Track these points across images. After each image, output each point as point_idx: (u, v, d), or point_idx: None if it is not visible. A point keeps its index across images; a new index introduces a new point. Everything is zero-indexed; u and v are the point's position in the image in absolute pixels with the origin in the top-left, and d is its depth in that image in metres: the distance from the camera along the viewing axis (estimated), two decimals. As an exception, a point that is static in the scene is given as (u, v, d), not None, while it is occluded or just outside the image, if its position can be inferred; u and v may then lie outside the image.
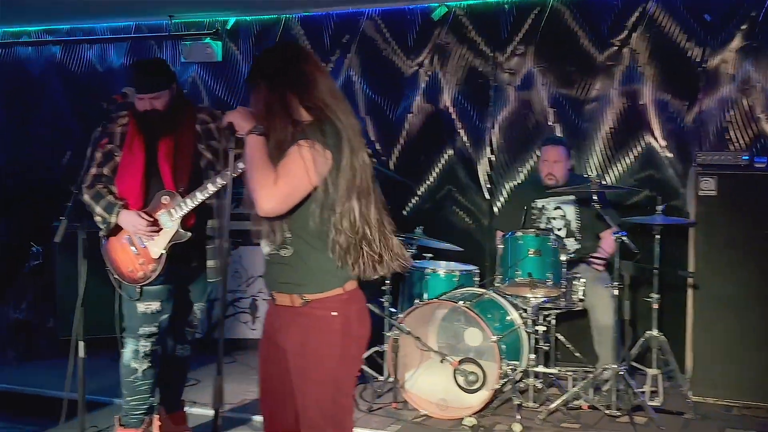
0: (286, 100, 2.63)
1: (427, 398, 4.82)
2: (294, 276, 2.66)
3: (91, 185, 3.97)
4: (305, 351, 2.65)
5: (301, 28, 6.73)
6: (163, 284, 4.00)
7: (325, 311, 2.65)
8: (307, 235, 2.62)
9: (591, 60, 5.91)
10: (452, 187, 6.36)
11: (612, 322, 4.82)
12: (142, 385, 4.05)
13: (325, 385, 2.66)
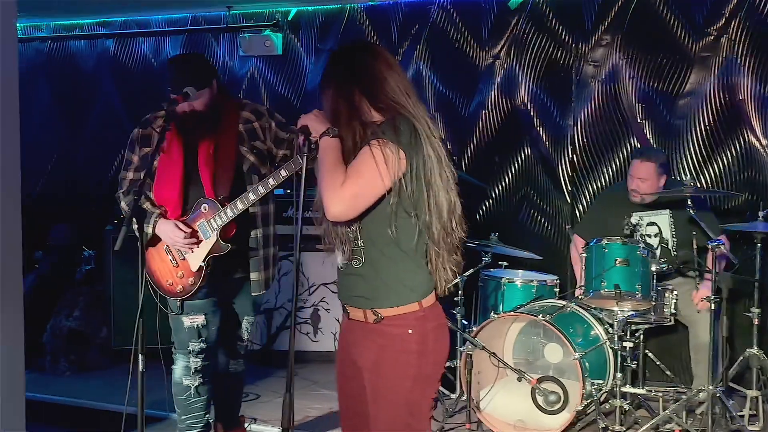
0: (355, 102, 2.67)
1: (503, 419, 4.82)
2: (367, 289, 2.68)
3: (128, 191, 4.02)
4: (378, 370, 2.68)
5: (367, 18, 6.77)
6: (207, 297, 4.03)
7: (400, 329, 2.66)
8: (381, 243, 2.64)
9: (684, 51, 5.82)
10: (530, 190, 6.34)
11: (709, 338, 4.76)
12: (196, 402, 4.12)
13: (398, 408, 2.67)
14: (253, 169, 3.98)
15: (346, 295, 2.78)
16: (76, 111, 7.78)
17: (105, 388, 5.54)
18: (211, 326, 4.09)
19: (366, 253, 2.67)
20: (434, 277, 2.72)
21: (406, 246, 2.65)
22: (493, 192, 6.44)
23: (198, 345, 4.06)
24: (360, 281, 2.70)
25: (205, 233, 3.90)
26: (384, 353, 2.68)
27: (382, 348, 2.68)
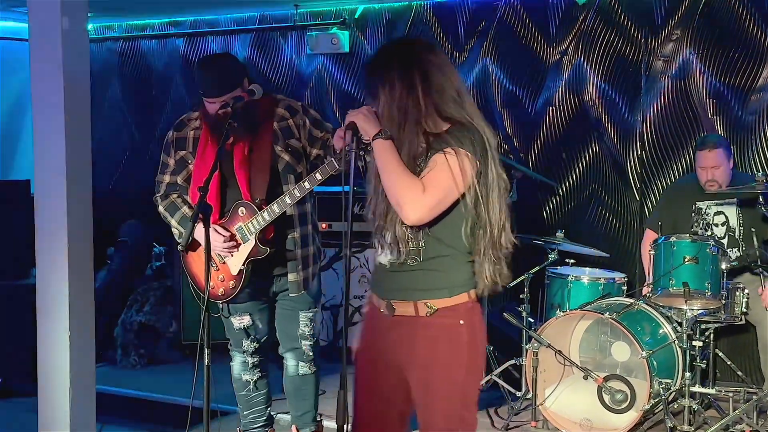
0: (422, 106, 2.66)
1: (568, 417, 4.82)
2: (421, 282, 2.71)
3: (165, 195, 4.05)
4: (432, 364, 2.70)
5: (434, 14, 6.79)
6: (250, 299, 4.05)
7: (452, 320, 2.71)
8: (441, 243, 2.69)
9: (758, 44, 5.73)
10: (598, 187, 6.30)
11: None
12: (257, 396, 4.20)
13: (453, 400, 2.72)
14: (288, 168, 3.94)
15: (392, 291, 2.76)
16: (148, 109, 7.95)
17: (174, 381, 5.66)
18: (260, 325, 4.12)
19: (425, 253, 2.69)
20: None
21: (463, 246, 2.70)
22: (560, 189, 6.43)
23: (250, 344, 4.12)
24: (413, 277, 2.71)
25: (244, 237, 3.89)
26: (437, 346, 2.70)
27: (434, 340, 2.70)
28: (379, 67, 2.75)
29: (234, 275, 3.95)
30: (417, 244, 2.69)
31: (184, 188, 4.04)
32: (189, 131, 4.06)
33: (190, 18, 7.75)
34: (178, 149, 4.06)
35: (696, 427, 4.77)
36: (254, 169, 3.88)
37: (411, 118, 2.66)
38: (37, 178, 4.37)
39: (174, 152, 4.06)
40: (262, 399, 4.23)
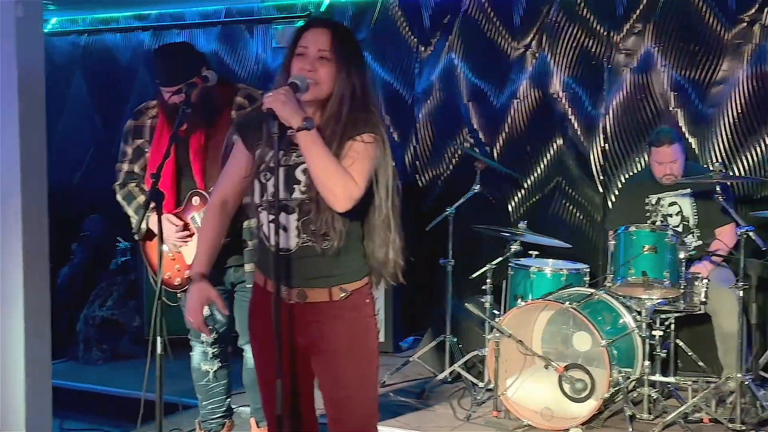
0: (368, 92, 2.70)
1: (530, 407, 4.82)
2: (333, 268, 2.70)
3: (123, 184, 4.02)
4: (353, 342, 2.75)
5: (399, 8, 6.82)
6: None
7: (362, 300, 2.77)
8: (352, 228, 2.70)
9: (717, 38, 5.80)
10: (561, 180, 6.36)
11: (737, 327, 4.72)
12: (216, 387, 4.18)
13: (374, 368, 2.80)
14: None
15: (305, 279, 2.71)
16: (113, 104, 7.87)
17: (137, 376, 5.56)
18: (218, 316, 4.07)
19: (339, 238, 2.66)
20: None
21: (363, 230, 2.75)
22: (525, 182, 6.47)
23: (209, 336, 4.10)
24: (325, 262, 2.69)
25: (198, 226, 3.84)
26: (354, 325, 2.74)
27: (351, 321, 2.74)
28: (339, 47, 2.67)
29: (189, 265, 3.88)
30: (331, 230, 2.65)
31: (142, 177, 4.02)
32: (146, 120, 4.04)
33: (155, 11, 7.72)
34: (135, 138, 4.04)
35: (655, 416, 4.79)
36: (210, 158, 3.83)
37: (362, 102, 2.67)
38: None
39: (132, 141, 4.04)
40: (222, 390, 4.21)
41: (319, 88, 2.64)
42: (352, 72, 2.66)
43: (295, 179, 2.66)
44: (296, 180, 2.66)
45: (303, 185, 2.65)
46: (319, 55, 2.63)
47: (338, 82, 2.64)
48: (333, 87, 2.64)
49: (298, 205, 2.66)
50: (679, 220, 5.27)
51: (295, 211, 2.67)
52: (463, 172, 6.33)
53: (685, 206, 5.28)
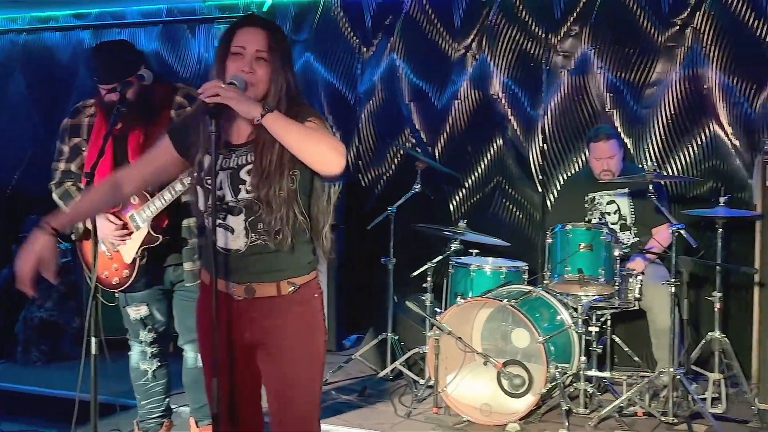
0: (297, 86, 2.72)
1: (469, 403, 4.86)
2: (283, 263, 2.70)
3: (59, 183, 3.97)
4: (302, 336, 2.74)
5: (341, 9, 6.82)
6: (148, 288, 3.98)
7: (310, 293, 2.77)
8: (298, 223, 2.68)
9: (651, 41, 5.89)
10: (501, 179, 6.40)
11: (670, 322, 4.80)
12: (155, 386, 4.16)
13: (320, 363, 2.80)
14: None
15: (253, 274, 2.70)
16: (52, 103, 7.74)
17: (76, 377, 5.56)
18: (157, 315, 4.07)
19: (286, 234, 2.65)
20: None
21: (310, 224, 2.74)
22: (465, 181, 6.50)
23: (147, 335, 4.08)
24: (276, 257, 2.69)
25: (137, 224, 3.81)
26: (303, 320, 2.74)
27: (300, 316, 2.73)
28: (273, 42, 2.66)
29: (128, 264, 3.88)
30: (285, 226, 2.64)
31: (79, 176, 3.96)
32: (84, 118, 3.99)
33: (95, 10, 7.60)
34: (72, 136, 3.99)
35: (591, 410, 4.85)
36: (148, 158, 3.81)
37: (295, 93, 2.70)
38: None
39: (68, 139, 4.00)
40: (161, 389, 4.18)
41: (257, 88, 2.63)
42: (287, 70, 2.67)
43: (240, 180, 2.65)
44: (241, 180, 2.64)
45: (249, 185, 2.63)
46: (256, 56, 2.62)
47: (275, 81, 2.64)
48: (270, 86, 2.64)
49: (245, 205, 2.65)
50: (617, 218, 5.37)
51: (241, 212, 2.65)
52: (405, 172, 6.36)
53: (623, 205, 5.38)
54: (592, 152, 5.37)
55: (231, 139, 2.68)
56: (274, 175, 2.60)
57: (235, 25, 2.67)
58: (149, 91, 3.81)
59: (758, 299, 5.08)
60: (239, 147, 2.67)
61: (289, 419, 2.75)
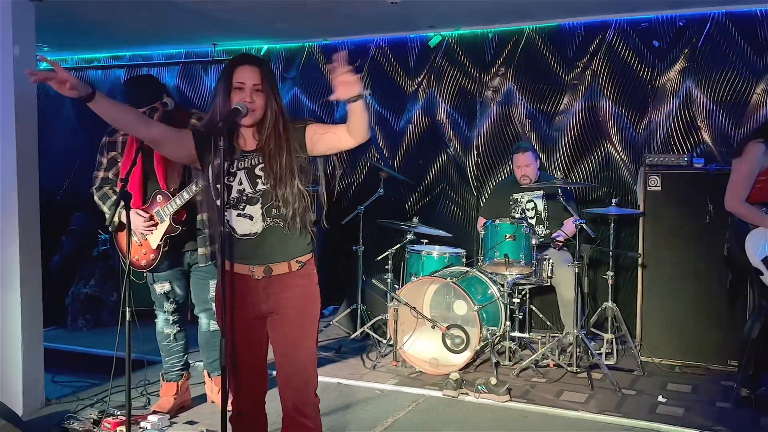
0: (283, 110, 2.72)
1: (420, 357, 4.89)
2: (291, 245, 2.69)
3: (99, 187, 3.93)
4: (306, 302, 2.72)
5: (321, 53, 6.78)
6: (171, 268, 3.94)
7: (310, 269, 2.74)
8: (304, 210, 2.67)
9: (559, 79, 5.92)
10: (445, 185, 6.39)
11: (573, 295, 4.84)
12: (176, 346, 4.11)
13: (317, 324, 2.76)
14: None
15: (270, 255, 2.66)
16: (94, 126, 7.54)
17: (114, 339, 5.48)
18: (177, 290, 4.03)
19: (294, 220, 2.65)
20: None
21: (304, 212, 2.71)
22: (418, 187, 6.49)
23: (170, 306, 4.04)
24: (286, 240, 2.67)
25: (161, 218, 3.79)
26: (306, 289, 2.72)
27: (305, 286, 2.71)
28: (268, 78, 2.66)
29: (154, 249, 3.85)
30: (292, 214, 2.63)
31: (114, 181, 3.93)
32: (119, 136, 3.96)
33: (128, 53, 7.53)
34: (109, 150, 3.96)
35: (514, 363, 4.90)
36: (170, 166, 3.79)
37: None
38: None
39: (106, 153, 3.96)
40: (180, 348, 4.14)
41: (256, 114, 2.63)
42: (276, 97, 2.66)
43: (256, 175, 2.65)
44: (257, 176, 2.65)
45: (263, 179, 2.63)
46: (254, 89, 2.62)
47: (269, 105, 2.64)
48: (266, 109, 2.64)
49: (261, 195, 2.64)
50: (534, 215, 5.39)
51: (258, 201, 2.64)
52: (371, 180, 6.34)
53: (539, 204, 5.40)
54: (514, 162, 5.39)
55: (243, 147, 2.69)
56: (286, 177, 2.61)
57: (235, 63, 2.65)
58: (171, 115, 3.78)
59: (641, 277, 5.14)
60: (249, 152, 2.68)
61: (296, 369, 2.71)
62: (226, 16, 5.49)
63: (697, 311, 4.94)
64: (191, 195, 3.73)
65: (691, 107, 5.51)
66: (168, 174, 3.79)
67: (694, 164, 5.03)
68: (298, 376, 2.70)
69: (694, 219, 4.92)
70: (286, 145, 2.63)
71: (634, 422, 3.95)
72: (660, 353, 5.03)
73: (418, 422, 4.00)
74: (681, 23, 5.50)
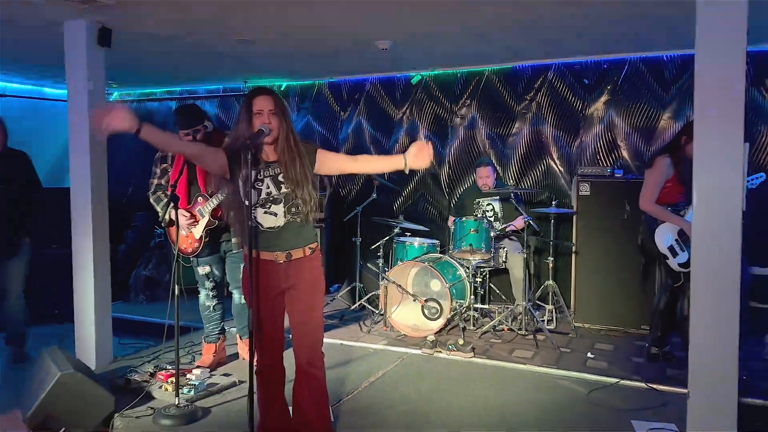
0: (294, 130, 2.68)
1: (405, 324, 4.88)
2: (304, 235, 2.66)
3: (154, 192, 3.89)
4: (315, 280, 2.69)
5: (329, 89, 6.76)
6: (211, 254, 3.91)
7: (317, 253, 2.72)
8: (311, 209, 2.65)
9: (511, 109, 5.91)
10: (424, 191, 6.39)
11: (523, 275, 4.86)
12: (215, 316, 4.09)
13: (323, 301, 2.74)
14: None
15: (290, 244, 2.63)
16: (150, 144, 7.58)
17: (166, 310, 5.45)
18: (216, 272, 3.99)
19: (306, 216, 2.63)
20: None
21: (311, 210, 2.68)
22: (403, 192, 6.47)
23: (210, 284, 4.01)
24: (301, 231, 2.65)
25: (202, 214, 3.76)
26: (315, 270, 2.69)
27: (315, 267, 2.69)
28: (282, 107, 2.62)
29: (197, 239, 3.82)
30: (308, 210, 2.63)
31: (165, 187, 3.88)
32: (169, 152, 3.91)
33: (178, 88, 7.49)
34: (162, 163, 3.92)
35: (477, 328, 4.88)
36: (208, 175, 3.73)
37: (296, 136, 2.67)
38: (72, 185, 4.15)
39: (159, 164, 3.92)
40: (218, 317, 4.11)
41: (274, 133, 2.61)
42: (287, 120, 2.64)
43: (280, 181, 2.62)
44: (280, 182, 2.62)
45: (285, 185, 2.61)
46: (270, 113, 2.59)
47: (282, 126, 2.61)
48: (280, 130, 2.61)
49: (284, 196, 2.61)
50: (492, 214, 5.37)
51: (281, 201, 2.61)
52: (367, 186, 6.34)
53: (496, 206, 5.37)
54: (477, 173, 5.38)
55: (266, 159, 2.65)
56: (302, 182, 2.60)
57: (253, 95, 2.63)
58: (210, 135, 3.76)
59: (574, 261, 5.15)
60: (272, 163, 2.64)
61: (308, 330, 2.68)
62: (254, 60, 5.47)
63: (618, 287, 4.95)
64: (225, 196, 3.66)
65: (613, 130, 5.52)
66: (207, 180, 3.76)
67: (615, 174, 5.05)
68: (310, 335, 2.69)
69: (615, 216, 4.93)
70: (299, 156, 2.61)
71: (569, 373, 3.96)
72: (589, 320, 5.04)
73: (403, 374, 3.99)
74: (605, 66, 5.51)
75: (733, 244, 2.62)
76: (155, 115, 7.66)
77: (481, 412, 3.36)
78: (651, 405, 3.44)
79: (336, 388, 3.65)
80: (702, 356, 2.71)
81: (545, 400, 3.54)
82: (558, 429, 3.15)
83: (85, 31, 3.98)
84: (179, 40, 4.61)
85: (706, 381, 2.70)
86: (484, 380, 3.86)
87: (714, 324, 2.67)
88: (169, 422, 3.19)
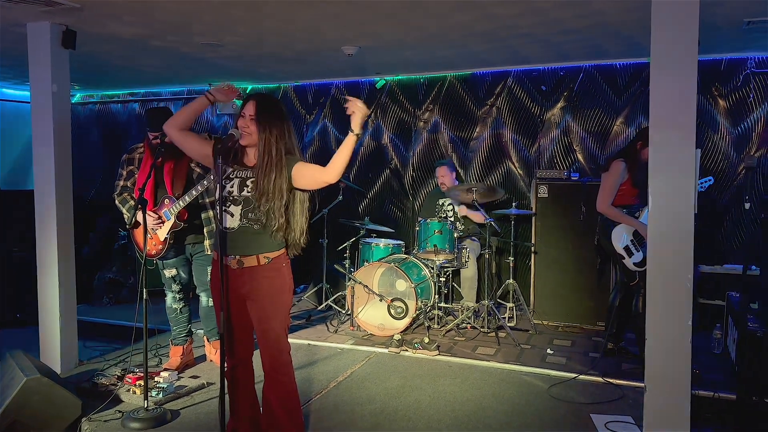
0: (283, 137, 2.57)
1: (371, 323, 4.87)
2: (260, 243, 2.56)
3: (120, 194, 3.82)
4: (273, 292, 2.57)
5: (294, 92, 6.70)
6: (176, 256, 3.84)
7: (279, 264, 2.58)
8: (276, 216, 2.54)
9: (473, 114, 5.97)
10: (389, 193, 6.39)
11: (471, 274, 4.90)
12: (182, 318, 4.01)
13: (283, 311, 2.60)
14: (199, 177, 3.71)
15: (241, 249, 2.54)
16: (115, 146, 7.43)
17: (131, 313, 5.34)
18: (182, 274, 3.91)
19: (267, 220, 2.54)
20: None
21: (286, 215, 2.59)
22: (368, 194, 6.46)
23: (176, 286, 3.93)
24: (256, 238, 2.54)
25: (167, 217, 3.66)
26: (275, 280, 2.56)
27: (273, 278, 2.56)
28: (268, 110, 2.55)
29: (162, 241, 3.73)
30: (268, 215, 2.54)
31: (131, 189, 3.80)
32: (136, 154, 3.84)
33: (142, 90, 7.31)
34: (128, 165, 3.83)
35: (441, 326, 4.92)
36: (176, 177, 3.68)
37: (284, 149, 2.55)
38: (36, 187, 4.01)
39: (126, 167, 3.83)
40: (185, 319, 4.03)
41: (251, 137, 2.56)
42: (273, 128, 2.54)
43: (245, 184, 2.56)
44: (246, 185, 2.55)
45: (249, 188, 2.54)
46: (251, 118, 2.55)
47: (261, 131, 2.54)
48: (259, 134, 2.55)
49: (243, 200, 2.54)
50: (453, 214, 5.42)
51: (240, 203, 2.55)
52: (333, 189, 6.26)
53: (457, 207, 5.43)
54: (436, 173, 5.43)
55: (246, 162, 2.60)
56: (272, 196, 2.50)
57: (247, 98, 2.60)
58: None
59: (533, 261, 5.23)
60: (249, 167, 2.59)
61: (267, 341, 2.62)
62: (219, 62, 5.38)
63: (575, 285, 5.04)
64: (191, 199, 3.62)
65: (569, 135, 5.62)
66: (174, 183, 3.68)
67: (571, 177, 5.15)
68: (271, 345, 2.61)
69: (572, 218, 5.02)
70: (275, 169, 2.50)
71: (529, 369, 4.02)
72: (548, 317, 5.12)
73: (370, 372, 3.99)
74: (562, 73, 5.62)
75: (686, 244, 2.71)
76: (118, 117, 7.46)
77: (447, 409, 3.38)
78: (608, 398, 3.53)
79: (304, 388, 3.62)
80: (658, 351, 2.80)
81: (509, 395, 3.59)
82: (521, 424, 3.20)
83: (49, 33, 3.85)
84: (143, 43, 4.50)
85: (662, 375, 2.79)
86: (450, 377, 3.89)
87: (668, 321, 2.76)
88: (138, 425, 3.11)
